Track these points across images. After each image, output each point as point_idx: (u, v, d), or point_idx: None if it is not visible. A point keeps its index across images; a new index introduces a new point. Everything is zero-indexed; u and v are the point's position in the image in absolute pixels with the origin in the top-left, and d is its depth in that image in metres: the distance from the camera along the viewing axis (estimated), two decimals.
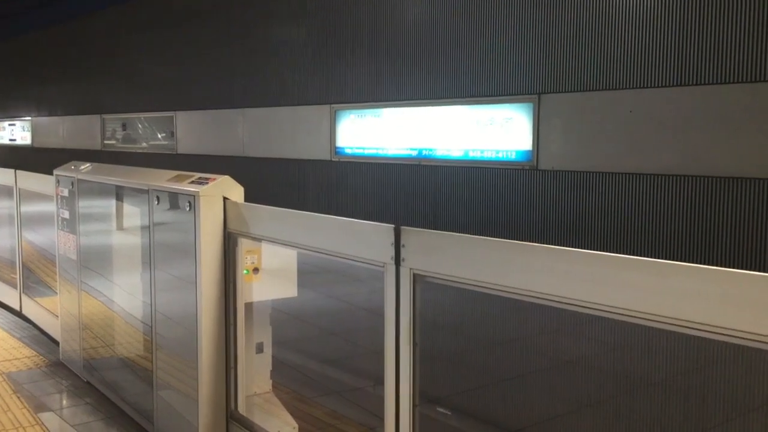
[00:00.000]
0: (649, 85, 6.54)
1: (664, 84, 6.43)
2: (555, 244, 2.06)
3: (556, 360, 5.22)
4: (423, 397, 2.51)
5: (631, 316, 1.88)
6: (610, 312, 1.92)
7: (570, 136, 7.25)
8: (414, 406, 2.47)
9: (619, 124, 6.78)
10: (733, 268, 1.68)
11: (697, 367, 4.45)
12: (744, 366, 3.77)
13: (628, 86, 6.70)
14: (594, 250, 1.99)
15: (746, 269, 1.66)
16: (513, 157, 7.67)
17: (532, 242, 2.13)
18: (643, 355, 4.71)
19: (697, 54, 6.20)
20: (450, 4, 8.29)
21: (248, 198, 3.55)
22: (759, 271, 1.63)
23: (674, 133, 6.38)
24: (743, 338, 1.65)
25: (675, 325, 1.78)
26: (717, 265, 1.74)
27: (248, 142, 11.62)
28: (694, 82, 6.23)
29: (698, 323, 1.73)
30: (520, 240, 2.18)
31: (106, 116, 15.12)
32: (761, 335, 1.61)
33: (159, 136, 13.68)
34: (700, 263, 1.80)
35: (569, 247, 2.02)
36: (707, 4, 6.10)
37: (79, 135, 16.08)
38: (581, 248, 2.00)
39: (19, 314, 6.26)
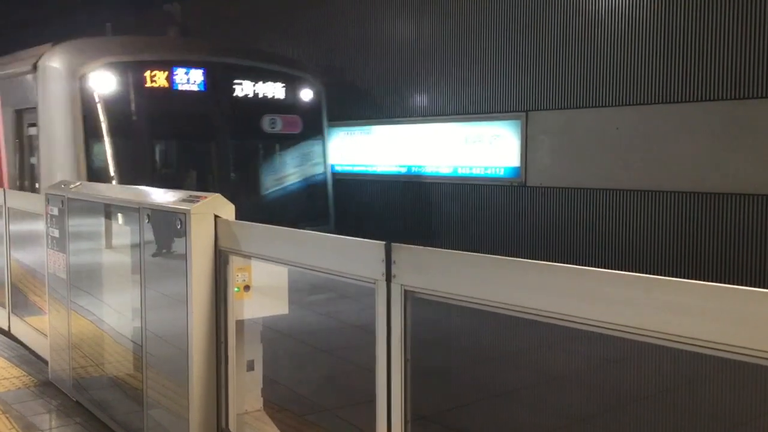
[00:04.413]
0: (635, 103, 6.62)
1: (649, 101, 6.51)
2: (544, 260, 2.09)
3: (544, 374, 5.23)
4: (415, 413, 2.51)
5: (619, 331, 1.90)
6: (599, 327, 1.94)
7: (557, 152, 7.31)
8: (406, 422, 2.48)
9: (606, 141, 6.85)
10: (719, 282, 1.71)
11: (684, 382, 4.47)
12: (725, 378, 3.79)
13: (614, 104, 6.77)
14: (582, 265, 2.01)
15: (731, 283, 1.69)
16: (501, 173, 7.72)
17: (522, 258, 2.15)
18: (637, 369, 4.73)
19: (681, 72, 6.28)
20: (439, 24, 8.37)
21: (239, 216, 3.56)
22: (743, 285, 1.66)
23: (660, 149, 6.45)
24: (726, 351, 1.67)
25: (660, 339, 1.81)
26: (703, 280, 1.76)
27: None
28: (679, 100, 6.31)
29: (682, 337, 1.75)
30: (509, 256, 2.20)
31: None
32: (743, 348, 1.64)
33: None
34: (687, 277, 1.82)
35: (558, 262, 2.04)
36: (691, 24, 6.19)
37: None
38: (570, 264, 2.02)
39: (7, 334, 6.21)
